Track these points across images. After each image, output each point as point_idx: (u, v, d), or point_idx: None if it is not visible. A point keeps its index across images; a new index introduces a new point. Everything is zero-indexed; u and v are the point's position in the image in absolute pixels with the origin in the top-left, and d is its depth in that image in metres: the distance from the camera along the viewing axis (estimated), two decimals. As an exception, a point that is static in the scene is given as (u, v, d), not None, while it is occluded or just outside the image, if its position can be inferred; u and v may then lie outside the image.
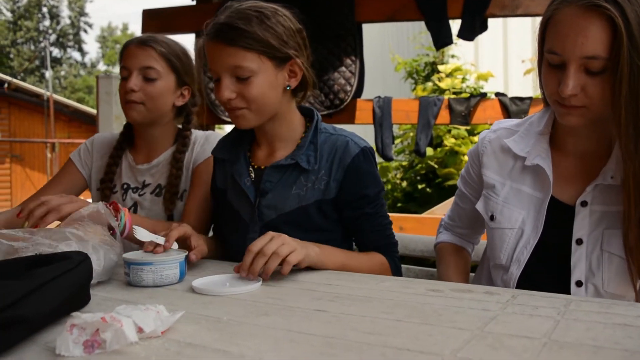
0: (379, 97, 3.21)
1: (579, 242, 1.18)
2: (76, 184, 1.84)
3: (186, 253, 1.18)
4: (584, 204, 1.18)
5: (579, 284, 1.17)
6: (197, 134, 1.82)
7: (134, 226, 1.24)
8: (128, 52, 1.68)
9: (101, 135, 1.91)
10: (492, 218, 1.28)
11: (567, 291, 1.17)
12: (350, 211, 1.33)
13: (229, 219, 1.41)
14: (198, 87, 1.82)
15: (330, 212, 1.33)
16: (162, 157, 1.77)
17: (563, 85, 1.07)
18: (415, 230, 2.94)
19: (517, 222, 1.24)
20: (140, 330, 0.73)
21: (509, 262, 1.24)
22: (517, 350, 0.69)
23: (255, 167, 1.39)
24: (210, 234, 1.62)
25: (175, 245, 1.20)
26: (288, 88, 1.31)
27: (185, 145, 1.75)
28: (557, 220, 1.21)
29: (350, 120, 3.19)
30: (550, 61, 1.11)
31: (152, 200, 1.75)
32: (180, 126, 1.81)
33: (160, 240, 1.19)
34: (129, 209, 1.76)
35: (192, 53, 1.79)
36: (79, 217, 1.16)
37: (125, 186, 1.78)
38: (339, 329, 0.80)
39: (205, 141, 1.77)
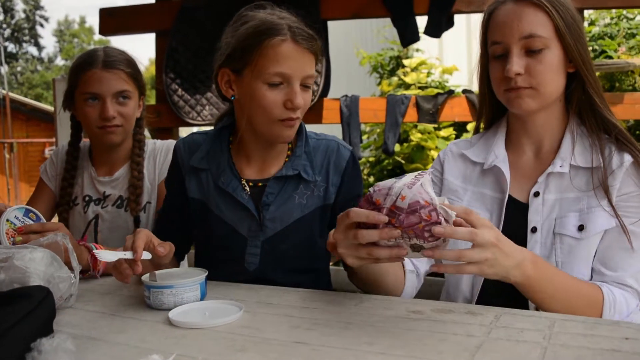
0: (346, 95, 3.16)
1: (534, 230, 1.21)
2: (49, 199, 1.80)
3: (206, 273, 1.14)
4: (536, 194, 1.22)
5: None
6: (155, 144, 1.78)
7: (94, 251, 1.17)
8: (94, 77, 1.61)
9: (66, 147, 1.84)
10: None
11: None
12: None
13: (220, 234, 1.34)
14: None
15: (330, 218, 1.33)
16: (123, 169, 1.73)
17: (508, 66, 1.17)
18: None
19: None
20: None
21: None
22: (508, 388, 0.67)
23: (244, 179, 1.33)
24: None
25: (147, 255, 1.12)
26: None
27: (140, 149, 1.73)
28: (515, 216, 1.24)
29: (318, 120, 3.13)
30: (494, 53, 1.22)
31: (113, 212, 1.71)
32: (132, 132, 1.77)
33: (128, 255, 1.10)
34: (90, 221, 1.71)
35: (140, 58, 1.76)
36: (38, 245, 1.09)
37: (87, 198, 1.74)
38: (320, 367, 0.76)
39: (167, 152, 1.73)
